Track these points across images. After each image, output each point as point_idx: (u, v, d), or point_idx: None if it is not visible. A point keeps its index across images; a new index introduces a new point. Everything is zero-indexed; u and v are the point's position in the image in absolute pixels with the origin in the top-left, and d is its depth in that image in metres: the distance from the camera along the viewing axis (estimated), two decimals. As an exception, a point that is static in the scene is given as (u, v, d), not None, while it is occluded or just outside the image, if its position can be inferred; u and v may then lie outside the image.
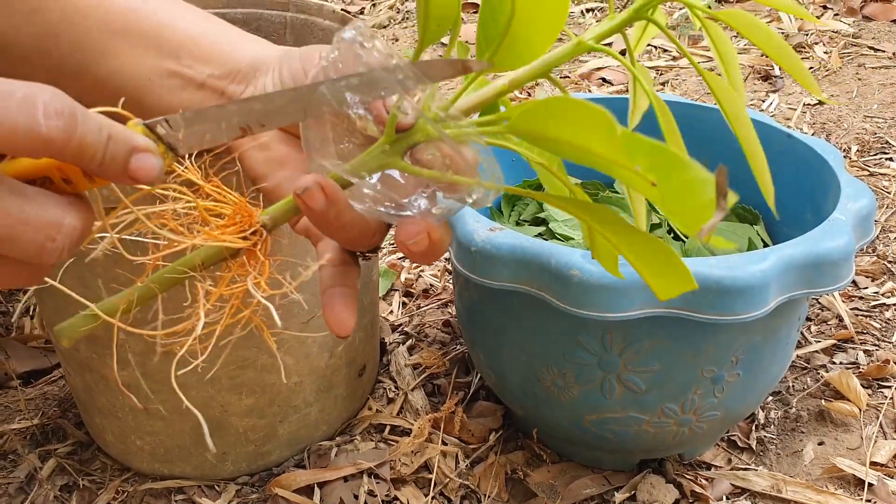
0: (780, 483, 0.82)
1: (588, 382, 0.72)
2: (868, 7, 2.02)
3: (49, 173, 0.34)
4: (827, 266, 0.65)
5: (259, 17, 0.90)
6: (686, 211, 0.34)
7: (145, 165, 0.35)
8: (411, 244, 0.40)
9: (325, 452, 0.87)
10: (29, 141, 0.31)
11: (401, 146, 0.39)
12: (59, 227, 0.33)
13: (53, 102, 0.31)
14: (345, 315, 0.43)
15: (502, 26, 0.37)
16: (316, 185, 0.38)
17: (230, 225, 0.39)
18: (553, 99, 0.34)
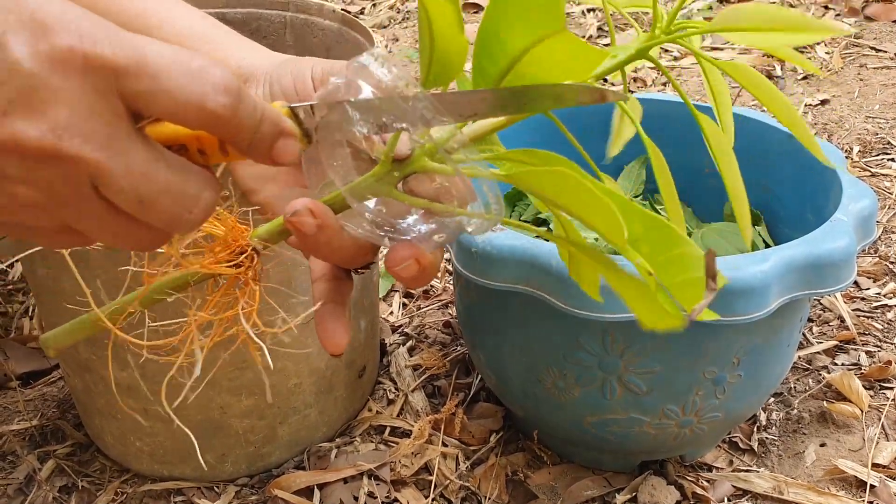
0: (781, 484, 0.81)
1: (589, 384, 0.72)
2: (870, 7, 2.02)
3: (187, 142, 0.34)
4: (828, 267, 0.65)
5: (259, 17, 0.90)
6: (680, 285, 0.36)
7: (287, 149, 0.36)
8: (400, 269, 0.40)
9: (325, 454, 0.86)
10: (197, 113, 0.31)
11: (395, 176, 0.39)
12: (198, 201, 0.33)
13: (224, 78, 0.32)
14: (337, 333, 0.43)
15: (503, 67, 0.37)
16: (306, 209, 0.38)
17: (223, 248, 0.39)
18: (561, 174, 0.34)
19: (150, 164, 0.32)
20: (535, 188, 0.37)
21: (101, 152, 0.30)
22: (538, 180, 0.36)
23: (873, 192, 0.74)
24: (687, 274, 0.35)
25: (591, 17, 2.07)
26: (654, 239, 0.35)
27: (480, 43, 0.36)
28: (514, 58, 0.36)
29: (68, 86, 0.29)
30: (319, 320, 0.43)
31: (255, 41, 0.53)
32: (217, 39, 0.51)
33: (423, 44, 0.38)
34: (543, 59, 0.35)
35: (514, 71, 0.36)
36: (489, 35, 0.36)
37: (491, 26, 0.36)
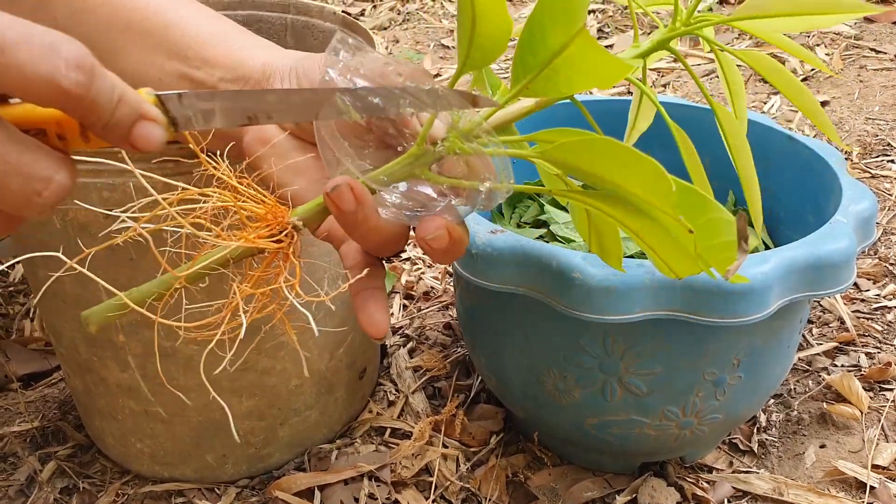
0: (781, 486, 0.81)
1: (589, 385, 0.72)
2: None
3: (45, 125, 0.34)
4: (828, 268, 0.65)
5: (259, 20, 0.90)
6: (714, 248, 0.37)
7: (147, 134, 0.35)
8: (431, 239, 0.40)
9: (326, 455, 0.86)
10: (46, 89, 0.30)
11: (429, 158, 0.40)
12: (49, 183, 0.32)
13: (76, 54, 0.31)
14: (378, 316, 0.44)
15: (544, 59, 0.37)
16: (346, 185, 0.39)
17: (263, 226, 0.40)
18: (603, 141, 0.35)
19: (1, 145, 0.31)
20: (570, 161, 0.37)
21: None
22: (574, 152, 0.37)
23: (873, 194, 0.74)
24: (720, 237, 0.37)
25: (592, 20, 2.08)
26: (688, 205, 0.36)
27: (527, 36, 0.37)
28: (554, 52, 0.36)
29: None
30: (361, 306, 0.44)
31: None
32: (239, 37, 0.51)
33: (464, 26, 0.38)
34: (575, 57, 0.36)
35: (551, 66, 0.37)
36: (535, 29, 0.36)
37: (538, 20, 0.36)
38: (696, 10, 0.43)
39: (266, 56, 0.50)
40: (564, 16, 0.34)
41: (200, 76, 0.49)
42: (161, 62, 0.50)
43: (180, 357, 0.73)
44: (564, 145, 0.37)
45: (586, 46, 0.34)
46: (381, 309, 0.44)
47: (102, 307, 0.42)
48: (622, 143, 0.35)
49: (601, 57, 0.35)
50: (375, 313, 0.44)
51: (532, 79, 0.38)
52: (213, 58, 0.49)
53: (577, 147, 0.36)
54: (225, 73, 0.49)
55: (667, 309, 0.63)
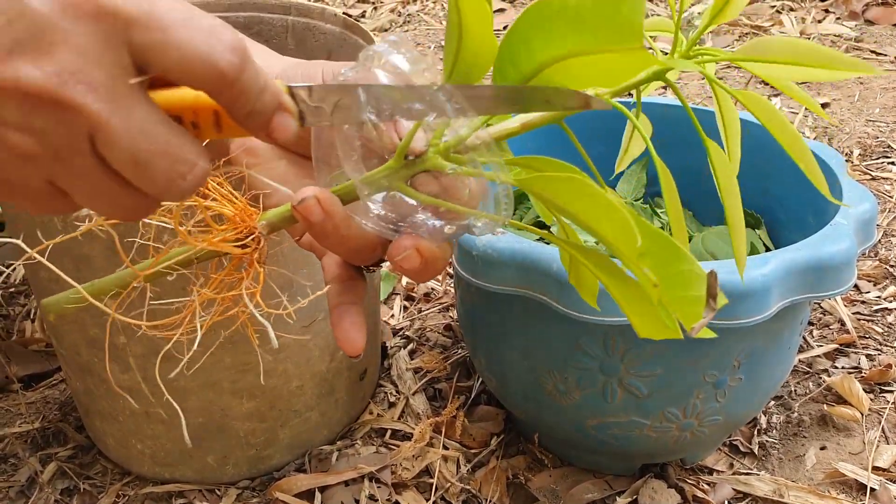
0: (782, 488, 0.81)
1: (590, 387, 0.72)
2: (870, 11, 2.02)
3: (182, 113, 0.34)
4: (829, 270, 0.65)
5: (260, 21, 0.90)
6: (681, 301, 0.36)
7: (285, 126, 0.35)
8: (400, 260, 0.39)
9: (326, 457, 0.86)
10: (202, 69, 0.31)
11: (407, 171, 0.40)
12: (193, 168, 0.33)
13: (232, 38, 0.32)
14: (354, 333, 0.43)
15: (525, 75, 0.37)
16: (313, 197, 0.38)
17: (231, 228, 0.40)
18: (578, 182, 0.35)
19: (150, 123, 0.31)
20: (546, 194, 0.37)
21: (103, 104, 0.30)
22: (549, 186, 0.36)
23: (873, 196, 0.74)
24: (688, 291, 0.36)
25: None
26: (658, 254, 0.35)
27: (507, 47, 0.37)
28: (540, 65, 0.36)
29: (78, 31, 0.29)
30: (336, 322, 0.43)
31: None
32: None
33: (450, 42, 0.38)
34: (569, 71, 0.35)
35: (537, 78, 0.37)
36: (517, 41, 0.36)
37: (522, 33, 0.36)
38: (696, 43, 0.43)
39: (259, 61, 0.49)
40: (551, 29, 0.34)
41: None
42: None
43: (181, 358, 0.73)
44: (541, 178, 0.37)
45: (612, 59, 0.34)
46: (356, 326, 0.43)
47: (62, 297, 0.42)
48: (595, 187, 0.34)
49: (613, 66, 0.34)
50: (350, 330, 0.43)
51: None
52: None
53: (553, 183, 0.36)
54: None
55: (667, 310, 0.63)
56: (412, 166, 0.39)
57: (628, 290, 0.38)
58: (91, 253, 0.67)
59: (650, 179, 0.95)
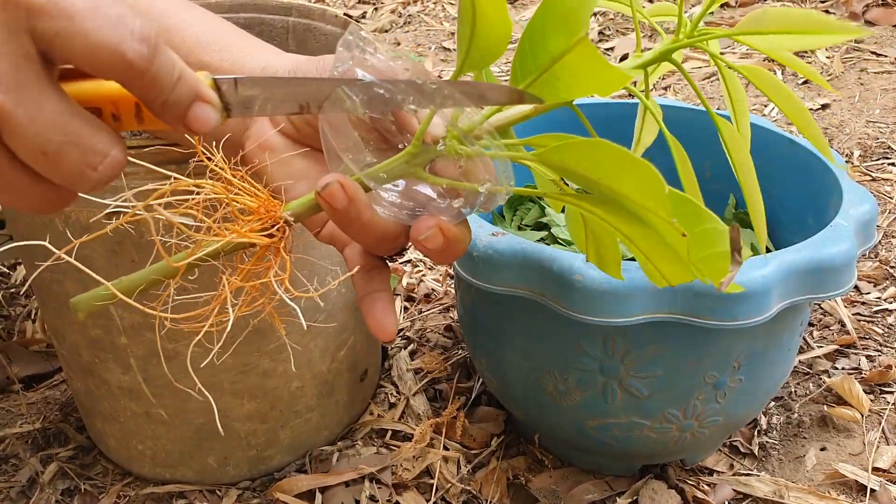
0: (782, 488, 0.81)
1: (590, 388, 0.72)
2: (870, 12, 2.03)
3: (101, 104, 0.34)
4: (829, 271, 0.65)
5: (261, 22, 0.91)
6: (708, 259, 0.37)
7: (203, 116, 0.35)
8: (423, 239, 0.40)
9: (327, 457, 0.86)
10: (110, 59, 0.30)
11: (425, 157, 0.40)
12: (104, 158, 0.32)
13: (141, 27, 0.31)
14: (387, 319, 0.44)
15: (544, 63, 0.37)
16: (336, 183, 0.38)
17: (255, 219, 0.40)
18: (600, 144, 0.35)
19: (58, 113, 0.31)
20: (567, 163, 0.37)
21: (6, 95, 0.29)
22: (571, 154, 0.37)
23: (873, 197, 0.74)
24: (713, 248, 0.37)
25: (593, 22, 2.08)
26: (682, 214, 0.36)
27: (528, 38, 0.37)
28: (552, 58, 0.36)
29: None
30: (368, 310, 0.44)
31: None
32: (238, 42, 0.52)
33: (464, 26, 0.38)
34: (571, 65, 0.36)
35: (550, 71, 0.37)
36: (536, 32, 0.36)
37: (540, 24, 0.36)
38: (700, 23, 0.43)
39: (265, 60, 0.50)
40: (566, 22, 0.34)
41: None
42: None
43: (182, 359, 0.73)
44: (561, 148, 0.37)
45: (586, 55, 0.34)
46: (388, 312, 0.44)
47: (90, 294, 0.42)
48: (618, 147, 0.35)
49: (600, 66, 0.35)
50: (383, 317, 0.44)
51: (531, 83, 0.38)
52: (213, 63, 0.50)
53: (573, 149, 0.36)
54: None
55: (667, 311, 0.64)
56: (430, 152, 0.40)
57: (653, 238, 0.38)
58: (92, 254, 0.68)
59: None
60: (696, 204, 0.36)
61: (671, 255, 0.38)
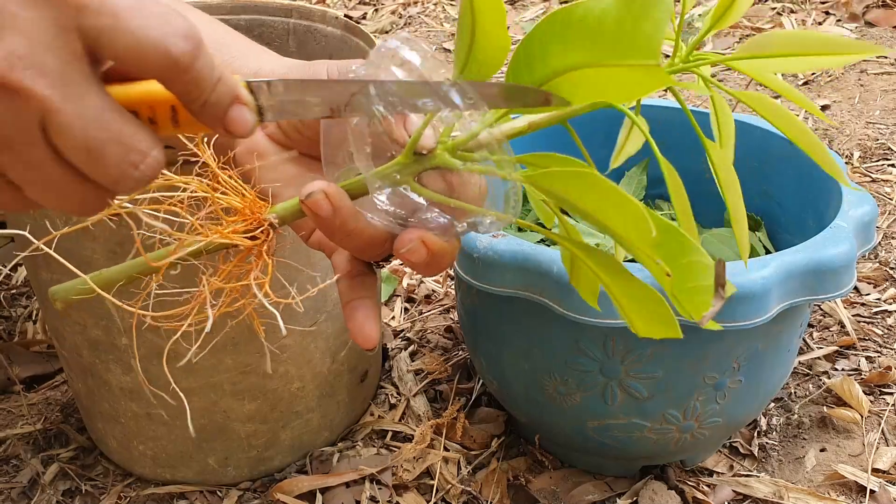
0: (781, 489, 0.81)
1: (590, 389, 0.72)
2: (870, 13, 2.03)
3: (138, 107, 0.34)
4: (828, 273, 0.65)
5: (262, 24, 0.91)
6: (690, 291, 0.37)
7: (241, 118, 0.35)
8: (406, 252, 0.39)
9: (327, 458, 0.87)
10: (154, 55, 0.31)
11: (416, 167, 0.40)
12: (145, 157, 0.32)
13: (185, 25, 0.31)
14: (368, 327, 0.43)
15: (539, 79, 0.37)
16: (321, 191, 0.38)
17: (240, 220, 0.40)
18: (590, 176, 0.35)
19: (103, 111, 0.31)
20: (555, 190, 0.37)
21: (54, 90, 0.29)
22: (560, 182, 0.36)
23: (873, 198, 0.74)
24: (697, 281, 0.36)
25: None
26: (667, 245, 0.36)
27: (524, 50, 0.37)
28: (553, 72, 0.36)
29: (28, 15, 0.28)
30: (350, 316, 0.44)
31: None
32: (233, 44, 0.51)
33: (462, 40, 0.38)
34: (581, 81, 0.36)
35: (548, 85, 0.37)
36: (535, 45, 0.36)
37: (541, 37, 0.36)
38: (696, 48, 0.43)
39: (258, 65, 0.50)
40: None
41: None
42: None
43: (182, 359, 0.74)
44: (551, 174, 0.37)
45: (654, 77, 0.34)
46: (370, 319, 0.43)
47: (69, 285, 0.42)
48: (606, 180, 0.34)
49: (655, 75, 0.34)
50: (365, 324, 0.43)
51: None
52: None
53: (563, 178, 0.36)
54: None
55: (667, 313, 0.64)
56: (421, 162, 0.40)
57: (630, 288, 0.38)
58: (93, 255, 0.68)
59: (650, 182, 0.95)
60: (683, 235, 0.36)
61: (647, 312, 0.38)
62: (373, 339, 0.43)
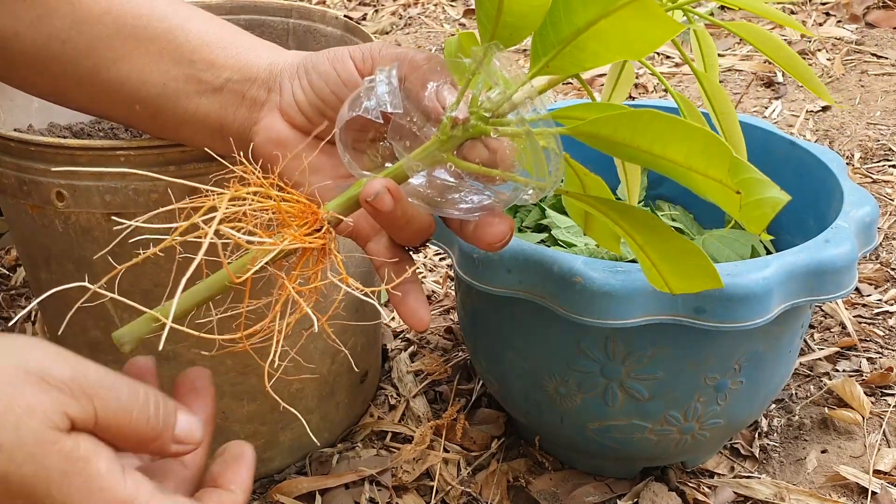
0: (783, 491, 0.81)
1: (590, 390, 0.72)
2: (871, 14, 2.03)
3: None
4: (830, 274, 0.65)
5: (262, 24, 0.91)
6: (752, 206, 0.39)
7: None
8: (499, 245, 0.41)
9: (327, 459, 0.86)
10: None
11: (453, 142, 0.40)
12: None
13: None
14: (421, 311, 0.45)
15: (566, 37, 0.37)
16: (384, 188, 0.40)
17: (301, 224, 0.40)
18: (649, 114, 0.35)
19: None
20: (605, 134, 0.37)
21: None
22: (610, 125, 0.37)
23: (874, 199, 0.74)
24: (758, 195, 0.38)
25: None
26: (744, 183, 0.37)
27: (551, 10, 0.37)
28: (577, 29, 0.36)
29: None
30: (401, 302, 0.45)
31: None
32: (242, 40, 0.52)
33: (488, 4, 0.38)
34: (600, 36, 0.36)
35: (574, 42, 0.37)
36: (559, 3, 0.36)
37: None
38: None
39: (271, 56, 0.51)
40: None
41: (208, 77, 0.50)
42: (166, 68, 0.50)
43: (182, 361, 0.73)
44: (602, 120, 0.37)
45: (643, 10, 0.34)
46: (421, 303, 0.45)
47: (137, 326, 0.41)
48: (668, 115, 0.35)
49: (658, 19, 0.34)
50: (418, 308, 0.45)
51: (553, 56, 0.38)
52: (219, 60, 0.50)
53: (617, 121, 0.36)
54: (232, 74, 0.50)
55: (668, 313, 0.63)
56: (458, 137, 0.40)
57: (666, 244, 0.38)
58: (93, 258, 0.67)
59: (650, 182, 0.95)
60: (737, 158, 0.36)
61: (685, 267, 0.38)
62: (426, 322, 0.45)
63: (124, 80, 0.51)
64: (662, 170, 0.37)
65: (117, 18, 0.50)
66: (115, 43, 0.50)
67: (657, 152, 0.36)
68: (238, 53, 0.51)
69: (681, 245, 0.38)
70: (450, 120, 0.39)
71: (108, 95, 0.51)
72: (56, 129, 0.85)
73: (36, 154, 0.62)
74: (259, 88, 0.50)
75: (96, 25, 0.49)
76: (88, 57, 0.50)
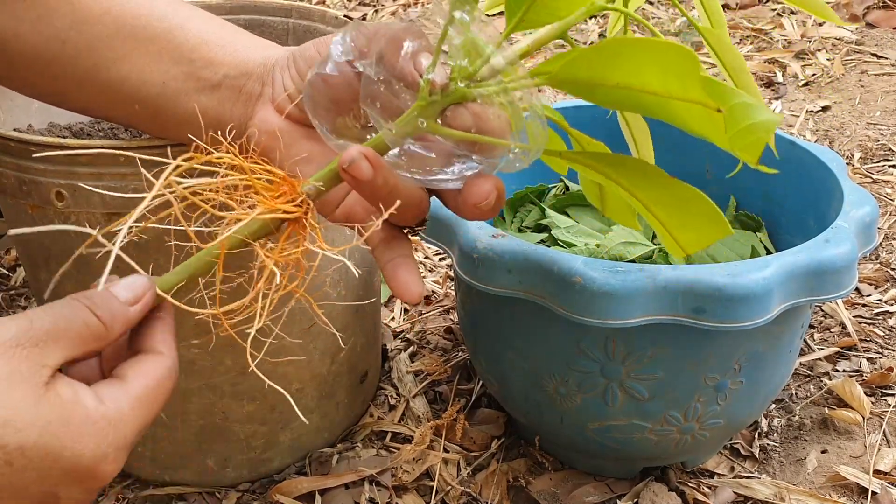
0: (783, 491, 0.81)
1: (590, 390, 0.72)
2: (871, 14, 2.03)
3: None
4: (830, 274, 0.65)
5: (262, 24, 0.91)
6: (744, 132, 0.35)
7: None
8: (485, 204, 0.40)
9: (327, 459, 0.86)
10: None
11: (434, 109, 0.39)
12: None
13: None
14: (413, 283, 0.44)
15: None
16: (360, 155, 0.38)
17: (278, 193, 0.40)
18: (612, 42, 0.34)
19: None
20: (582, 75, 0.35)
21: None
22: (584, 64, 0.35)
23: (874, 199, 0.74)
24: (750, 119, 0.35)
25: (593, 24, 2.08)
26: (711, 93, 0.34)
27: None
28: None
29: None
30: (392, 275, 0.44)
31: None
32: (240, 39, 0.53)
33: None
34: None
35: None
36: None
37: None
38: None
39: (266, 51, 0.52)
40: None
41: (206, 75, 0.51)
42: (166, 67, 0.51)
43: (182, 361, 0.73)
44: (573, 60, 0.35)
45: None
46: (412, 275, 0.44)
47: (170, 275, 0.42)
48: (638, 38, 0.33)
49: None
50: (410, 281, 0.44)
51: (528, 9, 0.38)
52: (217, 58, 0.51)
53: (591, 57, 0.35)
54: (229, 70, 0.51)
55: (668, 313, 0.63)
56: (438, 103, 0.39)
57: (670, 194, 0.37)
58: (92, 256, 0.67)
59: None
60: (723, 84, 0.34)
61: (691, 217, 0.37)
62: (418, 292, 0.44)
63: (124, 79, 0.51)
64: (646, 110, 0.35)
65: (117, 18, 0.50)
66: (114, 43, 0.50)
67: (635, 85, 0.34)
68: (236, 50, 0.51)
69: (682, 192, 0.37)
70: (427, 83, 0.39)
71: (108, 95, 0.52)
72: (56, 129, 0.85)
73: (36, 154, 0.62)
74: (254, 83, 0.50)
75: (96, 25, 0.50)
76: (88, 57, 0.50)
